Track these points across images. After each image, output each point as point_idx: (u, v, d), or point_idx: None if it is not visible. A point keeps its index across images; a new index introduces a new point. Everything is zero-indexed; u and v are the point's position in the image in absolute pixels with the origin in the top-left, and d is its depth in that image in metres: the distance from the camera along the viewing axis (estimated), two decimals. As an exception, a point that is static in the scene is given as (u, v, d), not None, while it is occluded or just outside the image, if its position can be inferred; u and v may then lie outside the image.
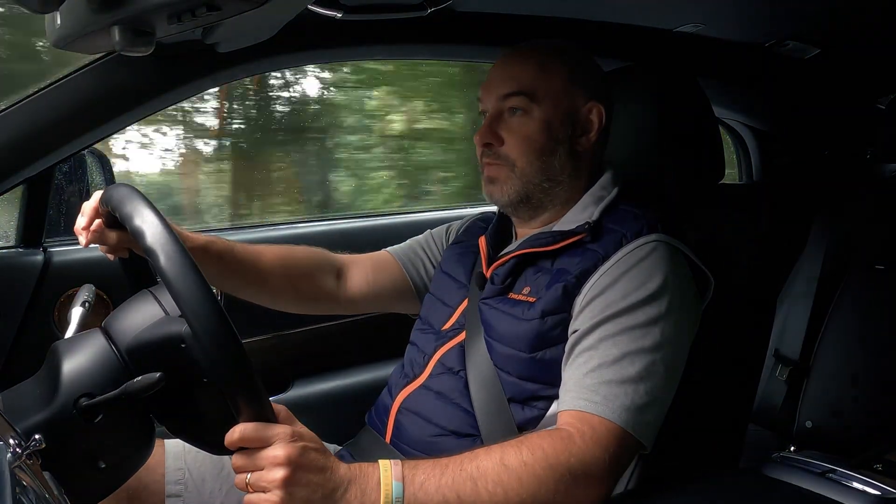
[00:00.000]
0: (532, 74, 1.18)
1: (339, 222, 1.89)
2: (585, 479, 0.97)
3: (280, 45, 1.29)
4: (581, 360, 1.06)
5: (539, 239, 1.18)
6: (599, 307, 1.07)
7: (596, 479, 0.98)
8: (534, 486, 0.95)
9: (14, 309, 1.38)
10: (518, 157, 1.18)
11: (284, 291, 1.35)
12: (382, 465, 0.93)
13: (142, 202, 0.92)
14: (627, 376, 1.02)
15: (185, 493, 1.24)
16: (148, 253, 0.86)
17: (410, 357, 1.28)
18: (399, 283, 1.40)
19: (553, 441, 0.98)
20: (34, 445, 0.78)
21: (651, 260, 1.09)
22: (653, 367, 1.03)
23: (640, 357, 1.03)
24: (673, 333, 1.06)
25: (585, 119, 1.20)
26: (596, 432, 0.99)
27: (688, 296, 1.12)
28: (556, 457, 0.96)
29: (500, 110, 1.19)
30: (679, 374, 1.09)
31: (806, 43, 1.76)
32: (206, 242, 1.25)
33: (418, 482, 0.93)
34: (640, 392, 1.02)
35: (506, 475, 0.94)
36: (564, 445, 0.97)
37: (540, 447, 0.97)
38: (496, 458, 0.95)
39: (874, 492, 1.05)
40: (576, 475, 0.96)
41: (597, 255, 1.11)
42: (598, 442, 0.98)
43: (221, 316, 0.83)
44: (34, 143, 1.23)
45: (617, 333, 1.05)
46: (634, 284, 1.07)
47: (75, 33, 0.93)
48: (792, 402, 1.76)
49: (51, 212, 1.46)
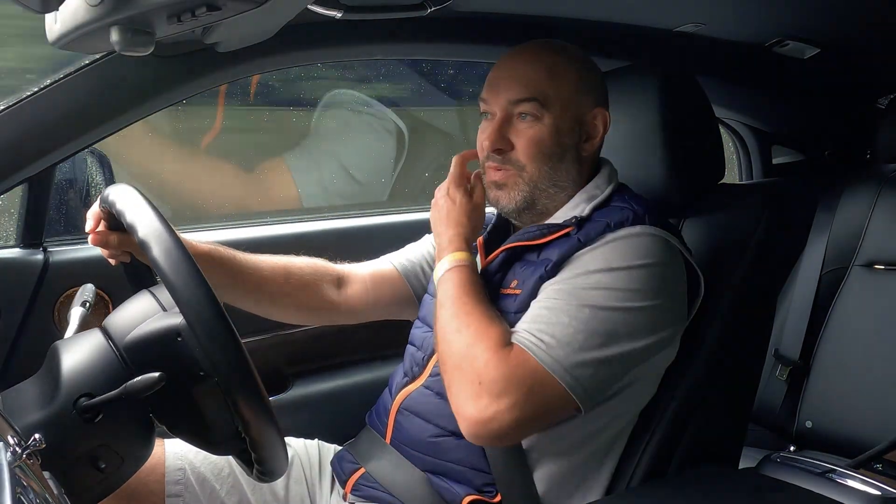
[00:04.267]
0: (543, 79, 1.16)
1: (339, 222, 1.88)
2: (480, 386, 1.03)
3: (280, 45, 1.29)
4: (530, 311, 1.09)
5: (528, 233, 1.18)
6: (563, 274, 1.10)
7: (488, 392, 1.02)
8: (455, 355, 1.07)
9: (14, 309, 1.38)
10: (528, 163, 1.17)
11: (285, 302, 1.35)
12: (459, 254, 1.17)
13: (137, 198, 0.93)
14: (563, 323, 1.05)
15: (185, 493, 1.24)
16: (142, 245, 0.87)
17: (410, 357, 1.28)
18: (399, 291, 1.40)
19: (486, 338, 1.06)
20: (34, 445, 0.78)
21: (627, 242, 1.10)
22: (594, 325, 1.05)
23: (583, 310, 1.05)
24: (634, 306, 1.06)
25: (591, 125, 1.20)
26: (512, 357, 1.04)
27: (671, 286, 1.12)
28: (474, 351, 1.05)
29: (509, 115, 1.17)
30: (636, 353, 1.07)
31: (806, 43, 1.76)
32: (209, 251, 1.25)
33: (446, 280, 1.15)
34: (573, 339, 1.04)
35: (449, 337, 1.09)
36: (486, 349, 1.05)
37: (476, 336, 1.06)
38: (458, 321, 1.09)
39: (874, 492, 1.05)
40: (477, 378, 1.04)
41: (578, 242, 1.12)
42: (507, 363, 1.03)
43: (215, 304, 0.83)
44: (34, 143, 1.23)
45: (570, 291, 1.08)
46: (602, 257, 1.09)
47: (75, 33, 0.94)
48: (792, 402, 1.76)
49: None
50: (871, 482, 1.08)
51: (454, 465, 1.15)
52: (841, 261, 1.78)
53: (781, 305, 1.82)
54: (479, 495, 1.13)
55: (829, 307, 1.75)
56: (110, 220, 1.11)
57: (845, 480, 1.07)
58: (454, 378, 1.06)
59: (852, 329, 1.71)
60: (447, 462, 1.16)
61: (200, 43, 1.23)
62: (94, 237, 1.13)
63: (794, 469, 1.11)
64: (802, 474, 1.09)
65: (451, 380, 1.07)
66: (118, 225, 1.09)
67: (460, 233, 1.20)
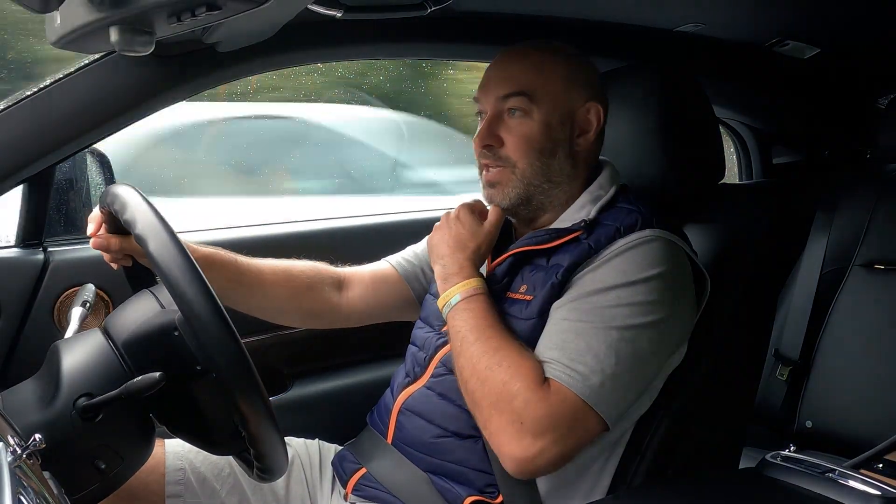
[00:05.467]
0: (531, 74, 1.17)
1: (340, 222, 1.88)
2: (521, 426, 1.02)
3: (280, 44, 1.29)
4: (549, 331, 1.09)
5: (536, 237, 1.18)
6: (578, 288, 1.09)
7: (531, 431, 1.01)
8: (487, 396, 1.05)
9: (14, 309, 1.38)
10: (519, 159, 1.17)
11: (286, 305, 1.35)
12: (473, 281, 1.13)
13: (135, 196, 0.93)
14: (593, 348, 1.04)
15: (185, 493, 1.24)
16: (139, 240, 0.87)
17: (412, 357, 1.28)
18: (400, 293, 1.40)
19: (522, 376, 1.03)
20: (34, 445, 0.78)
21: (640, 250, 1.10)
22: (619, 345, 1.04)
23: (608, 332, 1.05)
24: (654, 319, 1.06)
25: (584, 119, 1.20)
26: (552, 394, 1.02)
27: (681, 288, 1.12)
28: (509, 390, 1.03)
29: (499, 111, 1.19)
30: (655, 363, 1.09)
31: (806, 43, 1.76)
32: (210, 254, 1.26)
33: (463, 310, 1.11)
34: (605, 366, 1.03)
35: (482, 375, 1.06)
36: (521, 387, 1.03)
37: (508, 372, 1.04)
38: (488, 356, 1.06)
39: (874, 492, 1.05)
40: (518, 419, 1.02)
41: (588, 248, 1.12)
42: (549, 402, 1.02)
43: (211, 297, 0.83)
44: (34, 143, 1.23)
45: (590, 310, 1.06)
46: (618, 270, 1.08)
47: (75, 33, 0.93)
48: (792, 402, 1.76)
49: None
50: (871, 482, 1.07)
51: (456, 465, 1.15)
52: (841, 261, 1.77)
53: (781, 305, 1.82)
54: (480, 496, 1.13)
55: (829, 307, 1.74)
56: (111, 223, 1.12)
57: (845, 480, 1.07)
58: (491, 417, 1.04)
59: (852, 329, 1.71)
60: (449, 462, 1.16)
61: (200, 43, 1.23)
62: (95, 241, 1.14)
63: (794, 469, 1.11)
64: (802, 474, 1.09)
65: (487, 418, 1.05)
66: (119, 228, 1.09)
67: (470, 258, 1.17)
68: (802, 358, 1.76)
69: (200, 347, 0.88)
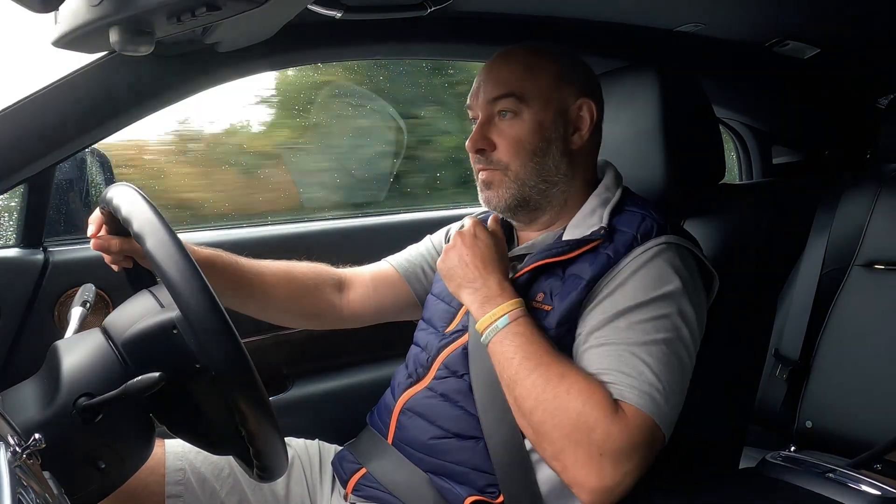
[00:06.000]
0: (519, 76, 1.17)
1: (340, 222, 1.88)
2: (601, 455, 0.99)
3: (280, 44, 1.29)
4: (596, 353, 1.06)
5: (553, 249, 1.16)
6: (610, 305, 1.08)
7: (611, 461, 0.99)
8: (559, 425, 1.01)
9: (14, 309, 1.38)
10: (511, 161, 1.17)
11: (287, 306, 1.35)
12: (517, 301, 1.09)
13: (134, 195, 0.93)
14: (649, 364, 1.03)
15: (185, 493, 1.24)
16: (137, 238, 0.87)
17: (414, 358, 1.28)
18: (401, 294, 1.40)
19: (595, 404, 1.00)
20: (34, 445, 0.78)
21: (661, 260, 1.10)
22: (667, 359, 1.04)
23: (654, 348, 1.04)
24: (685, 330, 1.07)
25: (577, 116, 1.20)
26: (629, 420, 1.00)
27: (697, 294, 1.13)
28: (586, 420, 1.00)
29: (490, 115, 1.19)
30: (690, 373, 1.09)
31: (806, 43, 1.76)
32: (211, 256, 1.26)
33: (513, 334, 1.06)
34: (663, 382, 1.03)
35: (550, 406, 1.02)
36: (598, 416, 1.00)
37: (580, 400, 1.00)
38: (553, 384, 1.02)
39: (874, 492, 1.05)
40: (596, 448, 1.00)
41: (608, 259, 1.11)
42: (629, 430, 1.00)
43: (209, 294, 0.83)
44: (34, 143, 1.23)
45: (628, 328, 1.05)
46: (644, 283, 1.08)
47: (75, 33, 0.94)
48: (792, 402, 1.75)
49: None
50: (871, 482, 1.07)
51: (456, 465, 1.15)
52: (841, 261, 1.77)
53: (781, 305, 1.82)
54: (481, 496, 1.13)
55: (829, 307, 1.74)
56: (111, 224, 1.12)
57: (845, 480, 1.07)
58: (565, 448, 1.01)
59: (852, 329, 1.71)
60: (449, 463, 1.16)
61: (200, 43, 1.23)
62: (95, 242, 1.14)
63: (794, 469, 1.11)
64: (802, 474, 1.09)
65: (560, 450, 1.01)
66: (119, 229, 1.09)
67: (502, 278, 1.13)
68: (802, 358, 1.76)
69: (198, 344, 0.88)
